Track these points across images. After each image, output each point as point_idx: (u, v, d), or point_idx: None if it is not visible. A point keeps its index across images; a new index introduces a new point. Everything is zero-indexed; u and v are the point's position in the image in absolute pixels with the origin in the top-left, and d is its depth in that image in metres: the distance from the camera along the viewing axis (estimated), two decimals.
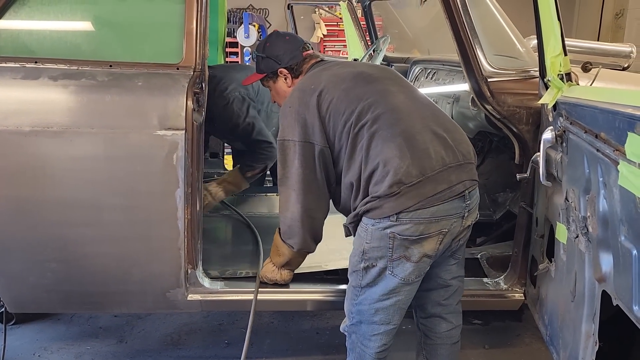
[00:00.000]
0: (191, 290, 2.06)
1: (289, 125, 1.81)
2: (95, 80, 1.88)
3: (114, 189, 1.91)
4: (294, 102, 1.83)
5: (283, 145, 1.82)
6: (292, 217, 1.85)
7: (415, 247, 1.65)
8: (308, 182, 1.80)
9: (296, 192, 1.81)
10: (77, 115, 1.86)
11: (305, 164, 1.79)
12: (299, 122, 1.79)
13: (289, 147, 1.80)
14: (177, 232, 1.95)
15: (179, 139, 1.87)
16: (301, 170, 1.79)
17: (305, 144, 1.79)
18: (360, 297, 1.78)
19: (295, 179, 1.80)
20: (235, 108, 2.71)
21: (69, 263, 1.97)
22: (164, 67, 1.94)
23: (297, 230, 1.88)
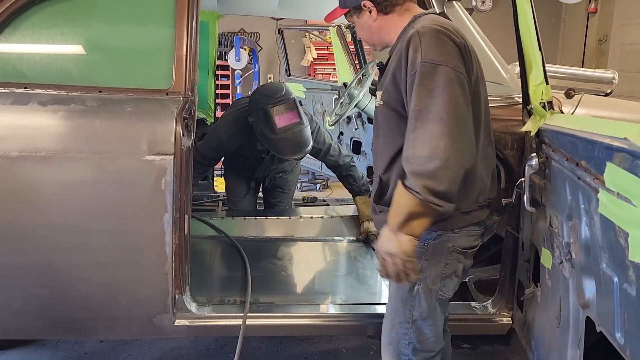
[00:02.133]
0: (178, 315, 2.05)
1: (442, 47, 1.47)
2: (84, 105, 1.89)
3: (101, 214, 1.90)
4: (448, 28, 1.52)
5: (434, 70, 1.45)
6: (435, 154, 1.40)
7: (466, 260, 1.65)
8: (462, 117, 1.44)
9: (445, 125, 1.41)
10: (66, 141, 1.86)
11: (462, 96, 1.45)
12: (457, 52, 1.49)
13: (442, 73, 1.44)
14: (164, 257, 1.94)
15: (168, 164, 1.88)
16: (455, 101, 1.43)
17: (461, 76, 1.47)
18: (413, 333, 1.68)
19: (446, 109, 1.42)
20: None
21: (55, 288, 1.96)
22: (153, 92, 1.96)
23: (438, 169, 1.41)
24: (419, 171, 1.41)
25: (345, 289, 2.39)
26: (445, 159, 1.39)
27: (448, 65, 1.45)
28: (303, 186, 5.73)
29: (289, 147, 2.67)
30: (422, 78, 1.45)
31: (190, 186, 2.02)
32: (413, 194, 1.43)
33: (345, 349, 2.77)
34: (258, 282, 2.34)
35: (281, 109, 2.65)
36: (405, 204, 1.46)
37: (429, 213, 1.46)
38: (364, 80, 3.62)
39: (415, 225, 1.48)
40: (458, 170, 1.42)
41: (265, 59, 7.38)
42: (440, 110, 1.42)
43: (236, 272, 2.50)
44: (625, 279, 1.07)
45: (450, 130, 1.41)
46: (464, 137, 1.44)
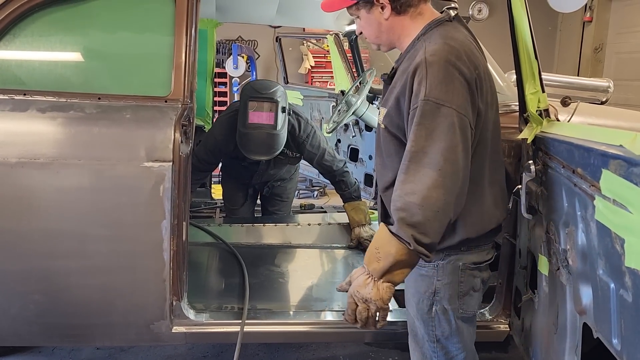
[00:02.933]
0: (176, 322, 2.05)
1: (448, 84, 1.38)
2: (83, 112, 1.90)
3: (99, 220, 1.90)
4: (460, 56, 1.41)
5: (437, 110, 1.36)
6: (426, 204, 1.35)
7: (482, 273, 1.62)
8: (458, 167, 1.37)
9: (440, 174, 1.35)
10: (65, 147, 1.87)
11: (461, 143, 1.37)
12: (465, 89, 1.39)
13: (445, 115, 1.36)
14: (162, 264, 1.94)
15: (166, 171, 1.88)
16: (454, 149, 1.36)
17: (465, 119, 1.39)
18: (440, 351, 1.66)
19: (443, 156, 1.35)
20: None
21: (52, 295, 1.95)
22: (152, 99, 1.97)
23: (427, 221, 1.35)
24: (409, 221, 1.35)
25: (342, 296, 2.38)
26: (435, 212, 1.35)
27: (452, 107, 1.36)
28: (300, 193, 5.73)
29: (252, 145, 2.66)
30: (423, 117, 1.37)
31: (188, 193, 2.02)
32: (403, 243, 1.36)
33: (343, 356, 2.77)
34: (255, 289, 2.34)
35: (259, 106, 2.64)
36: (392, 251, 1.38)
37: (412, 262, 1.41)
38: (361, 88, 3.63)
39: (398, 273, 1.41)
40: (445, 222, 1.38)
41: (262, 67, 7.40)
42: (437, 156, 1.35)
43: (234, 278, 2.50)
44: (622, 285, 1.07)
45: (444, 181, 1.35)
46: (456, 189, 1.38)
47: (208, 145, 2.91)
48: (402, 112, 1.46)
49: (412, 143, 1.38)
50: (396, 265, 1.39)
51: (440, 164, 1.35)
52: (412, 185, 1.36)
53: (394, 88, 1.52)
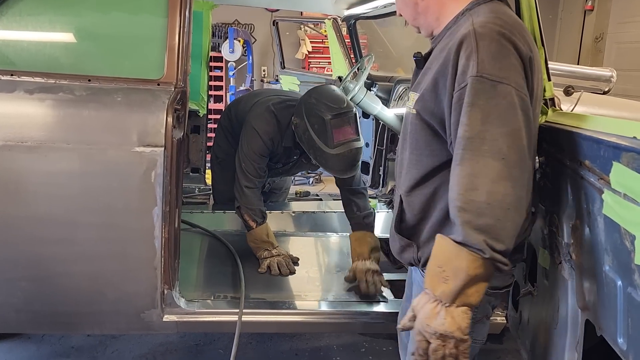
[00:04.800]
0: (167, 311, 2.00)
1: (504, 59, 1.18)
2: (73, 94, 1.83)
3: (89, 206, 1.85)
4: (513, 31, 1.22)
5: (493, 89, 1.16)
6: (493, 201, 1.13)
7: (496, 300, 1.44)
8: (524, 155, 1.17)
9: (505, 164, 1.13)
10: (53, 130, 1.80)
11: (525, 127, 1.17)
12: (521, 67, 1.20)
13: (503, 95, 1.16)
14: (153, 251, 1.89)
15: (158, 156, 1.83)
16: (518, 134, 1.16)
17: (526, 100, 1.20)
18: None
19: (506, 143, 1.14)
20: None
21: (41, 282, 1.90)
22: (144, 82, 1.90)
23: (498, 222, 1.13)
24: (477, 223, 1.12)
25: (337, 285, 2.35)
26: (506, 210, 1.12)
27: (511, 84, 1.16)
28: (295, 180, 5.68)
29: (342, 164, 2.37)
30: (476, 97, 1.15)
31: (180, 179, 1.97)
32: (475, 253, 1.12)
33: (337, 346, 2.74)
34: (248, 278, 2.30)
35: (341, 122, 2.35)
36: (462, 266, 1.13)
37: (489, 275, 1.15)
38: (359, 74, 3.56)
39: (473, 292, 1.15)
40: (518, 223, 1.16)
41: (259, 51, 7.30)
42: (500, 143, 1.13)
43: (226, 267, 2.45)
44: (630, 282, 1.03)
45: (510, 172, 1.13)
46: (525, 180, 1.17)
47: (256, 149, 2.53)
48: (439, 96, 1.25)
49: (466, 127, 1.16)
50: (471, 282, 1.14)
51: (504, 152, 1.13)
52: (472, 179, 1.13)
53: (429, 69, 1.33)
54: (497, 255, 1.13)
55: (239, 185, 2.55)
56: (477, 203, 1.12)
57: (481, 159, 1.13)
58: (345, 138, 2.35)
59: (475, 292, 1.15)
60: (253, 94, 3.01)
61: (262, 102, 2.69)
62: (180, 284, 2.06)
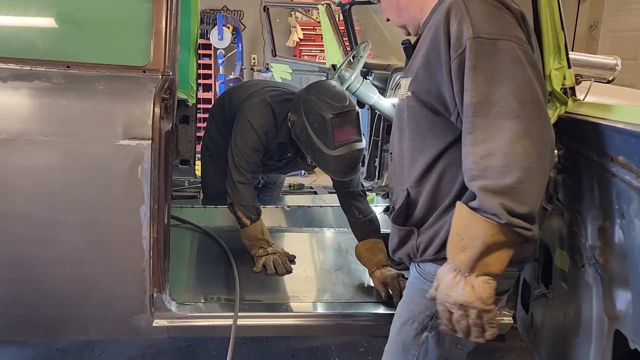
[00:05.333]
0: (157, 315, 1.88)
1: (497, 17, 1.13)
2: (50, 82, 1.68)
3: (70, 204, 1.71)
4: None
5: (493, 47, 1.10)
6: (512, 162, 1.05)
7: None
8: (540, 108, 1.09)
9: (520, 121, 1.06)
10: (29, 122, 1.66)
11: (536, 79, 1.10)
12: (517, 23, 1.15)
13: (505, 50, 1.10)
14: (141, 252, 1.76)
15: (145, 150, 1.69)
16: (529, 87, 1.08)
17: (530, 53, 1.13)
18: None
19: (518, 98, 1.07)
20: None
21: (20, 285, 1.77)
22: (129, 69, 1.76)
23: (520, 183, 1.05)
24: (495, 187, 1.05)
25: (336, 285, 2.23)
26: (527, 169, 1.04)
27: (511, 39, 1.10)
28: None
29: (343, 166, 2.20)
30: (477, 59, 1.09)
31: (170, 174, 1.83)
32: (489, 219, 1.06)
33: (335, 346, 2.64)
34: (242, 278, 2.17)
35: (343, 122, 2.17)
36: (478, 233, 1.07)
37: (511, 242, 1.08)
38: (355, 62, 3.43)
39: (494, 261, 1.09)
40: (543, 181, 1.08)
41: (248, 39, 7.12)
42: (511, 100, 1.06)
43: (219, 266, 2.33)
44: None
45: (528, 128, 1.05)
46: (546, 135, 1.08)
47: (250, 143, 2.38)
48: (433, 72, 1.18)
49: (472, 93, 1.09)
50: (489, 250, 1.08)
51: (517, 110, 1.06)
52: (486, 146, 1.06)
53: (419, 51, 1.26)
54: (517, 220, 1.05)
55: (231, 180, 2.41)
56: (494, 169, 1.05)
57: (493, 122, 1.07)
58: (347, 139, 2.17)
59: (498, 260, 1.10)
60: (249, 84, 2.86)
61: (258, 94, 2.55)
62: (171, 285, 1.93)
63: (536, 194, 1.07)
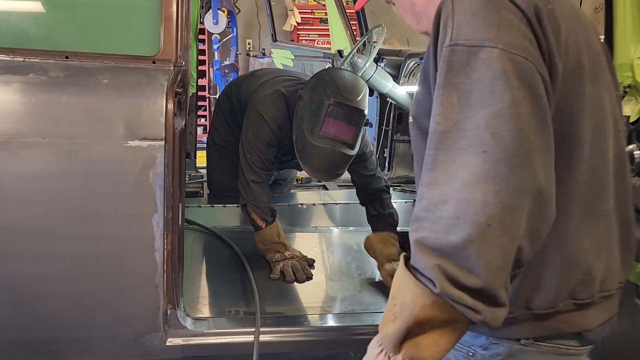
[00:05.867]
0: (171, 333, 1.69)
1: (489, 15, 0.83)
2: (47, 75, 1.47)
3: (72, 214, 1.51)
4: None
5: (473, 56, 0.82)
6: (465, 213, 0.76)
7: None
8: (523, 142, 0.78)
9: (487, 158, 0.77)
10: (24, 121, 1.45)
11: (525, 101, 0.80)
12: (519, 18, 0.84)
13: (487, 62, 0.81)
14: (154, 266, 1.57)
15: (157, 152, 1.49)
16: (512, 112, 0.78)
17: (525, 63, 0.81)
18: None
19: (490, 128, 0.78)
20: None
21: (16, 306, 1.57)
22: (136, 60, 1.55)
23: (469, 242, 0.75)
24: (434, 243, 0.77)
25: (362, 293, 2.05)
26: (482, 225, 0.75)
27: (497, 46, 0.80)
28: None
29: (317, 160, 2.01)
30: (450, 73, 0.82)
31: (184, 178, 1.63)
32: (422, 285, 0.78)
33: (354, 352, 2.47)
34: (259, 286, 1.97)
35: (341, 116, 1.97)
36: (407, 300, 0.80)
37: (451, 322, 0.79)
38: (367, 48, 3.24)
39: (428, 344, 0.79)
40: (508, 247, 0.76)
41: (243, 23, 6.86)
42: (482, 130, 0.78)
43: (232, 273, 2.13)
44: None
45: (494, 169, 0.76)
46: (522, 180, 0.77)
47: (263, 138, 2.18)
48: (431, 89, 0.90)
49: (439, 118, 0.82)
50: (421, 328, 0.79)
51: (486, 142, 0.77)
52: (444, 189, 0.79)
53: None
54: (458, 293, 0.75)
55: (244, 179, 2.21)
56: (441, 218, 0.77)
57: (459, 159, 0.79)
58: (335, 135, 1.97)
59: (433, 344, 0.79)
60: (258, 73, 2.65)
61: (269, 84, 2.35)
62: (184, 298, 1.75)
63: (495, 262, 0.75)
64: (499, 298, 0.77)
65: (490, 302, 0.76)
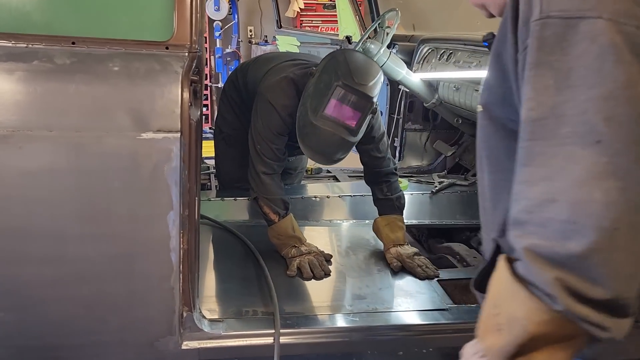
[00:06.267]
0: (187, 336, 1.59)
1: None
2: (52, 63, 1.36)
3: (82, 213, 1.40)
4: None
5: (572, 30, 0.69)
6: (583, 217, 0.66)
7: None
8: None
9: (604, 150, 0.66)
10: (29, 113, 1.34)
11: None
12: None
13: (591, 35, 0.68)
14: (169, 268, 1.47)
15: (173, 145, 1.38)
16: (623, 92, 0.66)
17: (631, 30, 0.68)
18: None
19: (603, 113, 0.67)
20: None
21: (23, 311, 1.47)
22: (148, 45, 1.43)
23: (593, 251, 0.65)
24: (550, 252, 0.68)
25: (383, 290, 1.97)
26: (609, 229, 0.65)
27: (602, 16, 0.67)
28: None
29: (314, 141, 1.95)
30: (543, 51, 0.70)
31: (199, 173, 1.53)
32: (537, 299, 0.69)
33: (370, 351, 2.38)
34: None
35: (347, 99, 1.89)
36: (518, 315, 0.71)
37: (573, 337, 0.71)
38: (380, 33, 3.12)
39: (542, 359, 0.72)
40: (636, 249, 0.66)
41: (244, 9, 6.71)
42: (591, 115, 0.67)
43: (247, 270, 2.03)
44: None
45: (615, 162, 0.66)
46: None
47: (273, 127, 2.09)
48: (506, 73, 0.81)
49: (532, 104, 0.71)
50: (534, 343, 0.70)
51: (600, 131, 0.66)
52: (546, 186, 0.69)
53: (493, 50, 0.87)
54: (583, 309, 0.66)
55: (254, 171, 2.11)
56: (554, 224, 0.67)
57: (561, 150, 0.68)
58: (338, 118, 1.89)
59: (547, 358, 0.71)
60: (265, 58, 2.53)
61: (277, 69, 2.24)
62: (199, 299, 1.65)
63: (626, 269, 0.66)
64: (629, 308, 0.68)
65: (618, 314, 0.68)
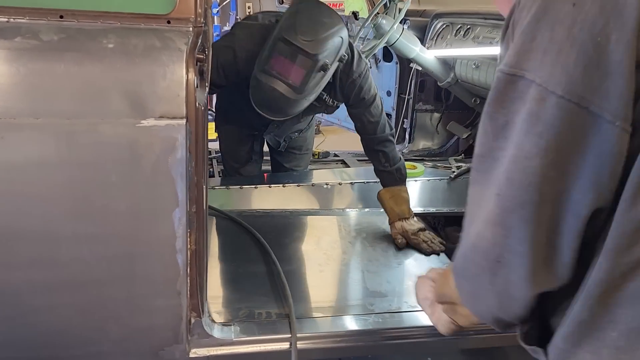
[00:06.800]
0: (195, 343, 1.45)
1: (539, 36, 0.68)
2: (38, 39, 1.17)
3: (75, 210, 1.24)
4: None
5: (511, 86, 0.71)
6: (474, 249, 0.79)
7: None
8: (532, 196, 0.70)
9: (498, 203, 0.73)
10: (11, 98, 1.16)
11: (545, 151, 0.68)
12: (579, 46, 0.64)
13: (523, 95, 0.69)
14: (175, 270, 1.31)
15: (177, 133, 1.21)
16: (523, 162, 0.70)
17: (576, 109, 0.65)
18: None
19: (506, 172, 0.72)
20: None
21: (12, 321, 1.31)
22: (147, 19, 1.25)
23: (467, 280, 0.85)
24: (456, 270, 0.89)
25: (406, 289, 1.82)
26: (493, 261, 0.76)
27: (534, 79, 0.67)
28: None
29: (257, 96, 1.97)
30: (493, 101, 0.74)
31: (207, 164, 1.36)
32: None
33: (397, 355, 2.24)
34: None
35: (288, 54, 1.86)
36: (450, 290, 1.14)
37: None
38: (391, 8, 2.94)
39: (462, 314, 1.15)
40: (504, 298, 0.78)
41: None
42: (501, 169, 0.72)
43: (257, 266, 1.88)
44: None
45: (504, 217, 0.72)
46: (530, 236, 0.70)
47: (222, 60, 2.04)
48: None
49: (477, 140, 0.79)
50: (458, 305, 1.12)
51: (500, 185, 0.72)
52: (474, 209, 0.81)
53: None
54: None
55: None
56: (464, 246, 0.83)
57: (486, 190, 0.76)
58: (279, 72, 1.89)
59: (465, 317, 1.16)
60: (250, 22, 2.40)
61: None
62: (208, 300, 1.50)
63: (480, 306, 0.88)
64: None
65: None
